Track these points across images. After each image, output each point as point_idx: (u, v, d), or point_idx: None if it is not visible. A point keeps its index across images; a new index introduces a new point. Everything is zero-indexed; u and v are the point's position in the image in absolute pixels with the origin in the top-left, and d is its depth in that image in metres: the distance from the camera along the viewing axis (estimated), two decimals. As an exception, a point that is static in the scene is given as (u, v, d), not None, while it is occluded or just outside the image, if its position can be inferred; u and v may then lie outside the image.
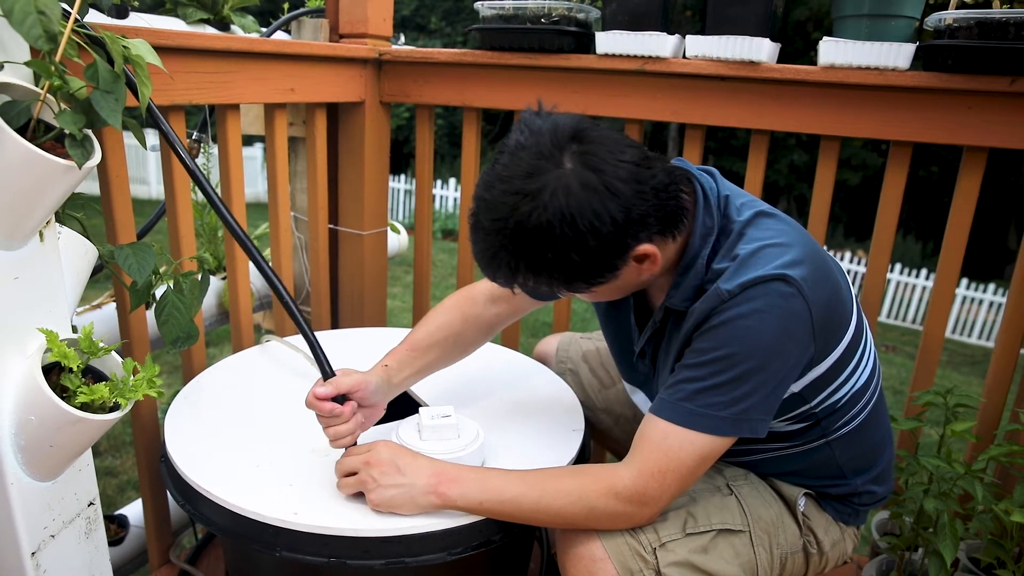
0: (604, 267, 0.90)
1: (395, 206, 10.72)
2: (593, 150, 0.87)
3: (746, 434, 0.94)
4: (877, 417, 1.13)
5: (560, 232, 0.85)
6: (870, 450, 1.13)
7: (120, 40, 0.92)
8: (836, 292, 0.99)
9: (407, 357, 1.20)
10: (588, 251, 0.87)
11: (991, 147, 1.33)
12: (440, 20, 13.93)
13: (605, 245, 0.87)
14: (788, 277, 0.91)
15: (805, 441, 1.10)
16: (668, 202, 0.92)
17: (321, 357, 1.12)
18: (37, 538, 0.95)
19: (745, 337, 0.91)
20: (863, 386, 1.08)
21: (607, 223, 0.85)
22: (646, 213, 0.88)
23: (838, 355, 1.01)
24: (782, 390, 0.96)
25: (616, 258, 0.90)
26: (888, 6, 1.30)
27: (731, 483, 1.11)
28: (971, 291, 7.91)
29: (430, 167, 1.92)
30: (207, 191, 1.09)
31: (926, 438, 1.40)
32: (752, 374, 0.91)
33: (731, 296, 0.92)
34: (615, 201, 0.85)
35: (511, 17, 1.59)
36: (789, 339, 0.92)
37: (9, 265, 0.88)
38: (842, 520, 1.15)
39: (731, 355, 0.91)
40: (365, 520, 1.00)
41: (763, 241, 0.95)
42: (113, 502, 2.51)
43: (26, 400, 0.88)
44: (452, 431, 1.11)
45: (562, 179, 0.85)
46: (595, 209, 0.85)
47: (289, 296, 1.13)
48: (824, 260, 1.00)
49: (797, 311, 0.92)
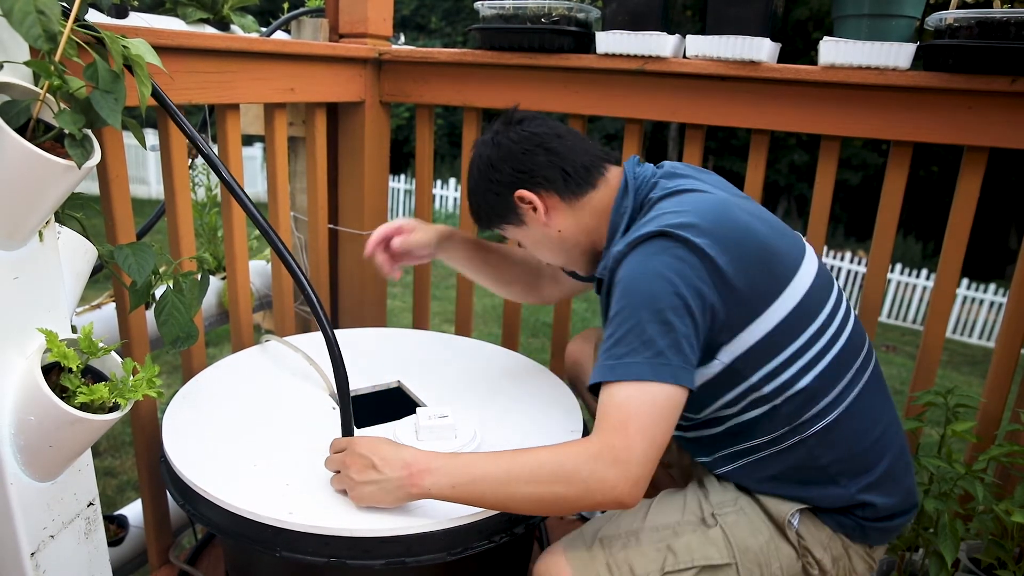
0: (502, 197, 1.18)
1: (395, 206, 10.72)
2: (512, 129, 1.19)
3: (669, 379, 0.93)
4: (866, 416, 1.08)
5: (474, 173, 1.23)
6: (860, 453, 1.07)
7: (120, 40, 0.92)
8: (753, 255, 1.01)
9: (470, 240, 1.48)
10: (492, 182, 1.19)
11: (992, 147, 1.33)
12: (440, 20, 13.93)
13: (500, 180, 1.18)
14: (668, 232, 0.99)
15: (776, 439, 1.06)
16: (566, 168, 1.16)
17: (339, 366, 1.11)
18: (36, 538, 0.95)
19: (632, 287, 0.99)
20: (825, 376, 1.04)
21: (499, 167, 1.18)
22: (530, 169, 1.16)
23: (770, 327, 1.01)
24: (693, 338, 0.97)
25: (508, 190, 1.17)
26: (888, 6, 1.30)
27: (717, 512, 1.08)
28: (972, 291, 7.90)
29: (430, 167, 1.92)
30: (231, 185, 1.09)
31: (927, 438, 1.40)
32: (649, 319, 0.96)
33: (622, 256, 1.02)
34: (508, 155, 1.17)
35: (511, 17, 1.59)
36: (674, 281, 0.97)
37: (9, 265, 0.88)
38: (844, 534, 1.08)
39: (625, 306, 0.98)
40: (365, 520, 1.00)
41: (662, 210, 1.05)
42: (113, 502, 2.51)
43: (26, 400, 0.88)
44: (449, 431, 1.11)
45: (484, 143, 1.21)
46: (486, 156, 1.20)
47: (318, 299, 1.13)
48: (739, 227, 1.02)
49: (680, 256, 0.98)
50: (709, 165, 12.75)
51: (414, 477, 0.97)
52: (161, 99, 1.09)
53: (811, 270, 1.07)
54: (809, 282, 1.05)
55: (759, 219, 1.07)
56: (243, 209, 1.16)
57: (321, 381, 1.40)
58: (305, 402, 1.33)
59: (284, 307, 1.70)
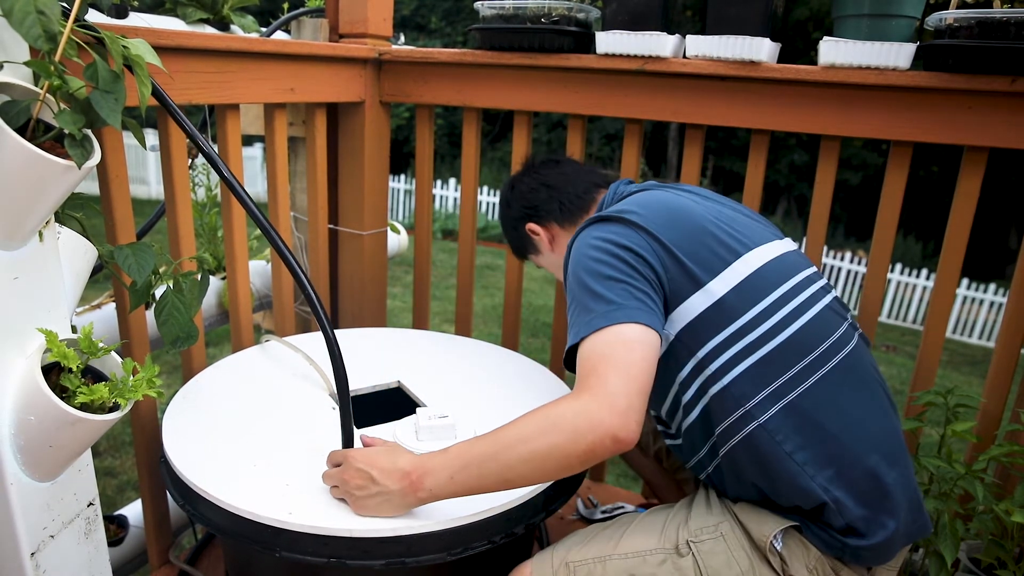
0: (519, 231, 1.40)
1: (395, 206, 10.72)
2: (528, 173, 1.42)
3: (624, 319, 0.97)
4: (831, 403, 1.02)
5: (500, 212, 1.47)
6: (822, 441, 1.00)
7: (120, 40, 0.92)
8: (688, 229, 1.09)
9: None
10: (510, 219, 1.42)
11: (992, 147, 1.33)
12: (440, 20, 13.93)
13: (514, 216, 1.40)
14: (605, 216, 1.12)
15: (735, 427, 1.03)
16: (562, 200, 1.33)
17: (340, 368, 1.10)
18: (36, 538, 0.95)
19: (575, 262, 1.09)
20: (773, 357, 1.02)
21: (513, 206, 1.41)
22: (535, 205, 1.36)
23: (711, 302, 1.04)
24: (644, 285, 1.02)
25: (521, 225, 1.39)
26: (888, 6, 1.30)
27: (693, 540, 1.04)
28: (972, 291, 7.91)
29: (430, 167, 1.92)
30: (231, 183, 1.09)
31: (927, 438, 1.40)
32: (593, 281, 1.03)
33: (568, 247, 1.14)
34: (519, 195, 1.40)
35: (511, 17, 1.59)
36: (608, 247, 1.06)
37: (8, 265, 0.88)
38: (833, 553, 1.01)
39: (572, 280, 1.08)
40: (364, 520, 1.00)
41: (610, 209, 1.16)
42: (113, 502, 2.51)
43: (26, 400, 0.88)
44: (449, 431, 1.11)
45: (506, 185, 1.45)
46: (506, 197, 1.43)
47: (318, 298, 1.12)
48: (674, 208, 1.12)
49: (613, 229, 1.09)
50: (709, 165, 12.75)
51: (415, 484, 0.97)
52: (161, 97, 1.09)
53: (768, 254, 1.10)
54: (760, 264, 1.08)
55: (705, 207, 1.15)
56: (243, 207, 1.16)
57: (321, 381, 1.40)
58: (305, 402, 1.33)
59: (284, 307, 1.70)
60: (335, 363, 1.10)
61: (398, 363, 1.51)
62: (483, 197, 10.21)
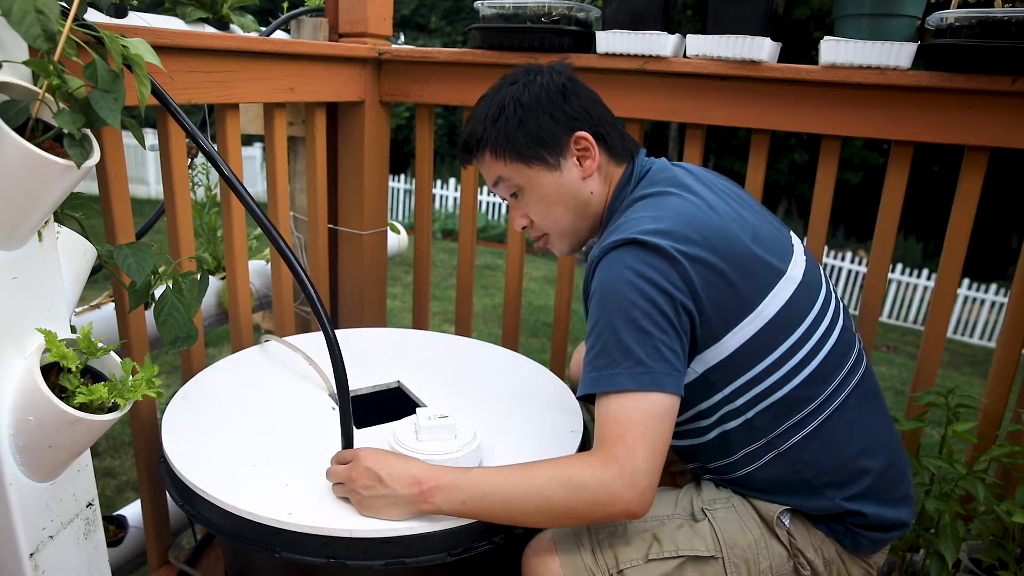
0: (558, 128, 1.10)
1: (395, 206, 10.72)
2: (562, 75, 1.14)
3: (651, 387, 0.93)
4: (852, 425, 1.06)
5: (535, 90, 1.11)
6: (842, 464, 1.05)
7: (119, 39, 0.92)
8: (729, 266, 0.99)
9: None
10: (553, 110, 1.10)
11: (992, 147, 1.33)
12: (440, 19, 13.93)
13: (565, 111, 1.11)
14: (641, 240, 0.98)
15: (754, 454, 1.05)
16: (621, 130, 1.15)
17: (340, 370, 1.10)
18: (36, 539, 0.94)
19: (607, 296, 0.98)
20: (804, 387, 1.02)
21: (569, 97, 1.11)
22: (598, 117, 1.12)
23: (745, 339, 1.00)
24: (674, 342, 0.96)
25: (569, 124, 1.10)
26: (889, 5, 1.30)
27: (707, 508, 1.07)
28: (973, 291, 7.90)
29: (430, 167, 1.92)
30: (231, 181, 1.09)
31: (928, 439, 1.40)
32: (625, 328, 0.95)
33: (596, 261, 1.02)
34: (581, 92, 1.13)
35: (511, 16, 1.59)
36: (650, 290, 0.95)
37: (8, 265, 0.88)
38: (837, 539, 1.07)
39: (601, 316, 0.98)
40: (365, 521, 1.00)
41: (638, 214, 1.03)
42: (112, 503, 2.51)
43: (25, 400, 0.88)
44: (449, 432, 1.10)
45: (555, 71, 1.14)
46: (565, 86, 1.12)
47: (318, 296, 1.12)
48: (715, 234, 1.00)
49: (651, 263, 0.97)
50: (709, 165, 12.68)
51: (425, 495, 0.97)
52: (161, 96, 1.09)
53: (796, 275, 1.05)
54: (792, 290, 1.04)
55: (742, 223, 1.04)
56: (244, 205, 1.15)
57: (321, 381, 1.40)
58: (305, 402, 1.33)
59: (284, 307, 1.69)
60: (335, 363, 1.09)
61: (398, 363, 1.51)
62: (483, 197, 10.21)
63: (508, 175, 1.13)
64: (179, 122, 1.10)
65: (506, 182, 1.15)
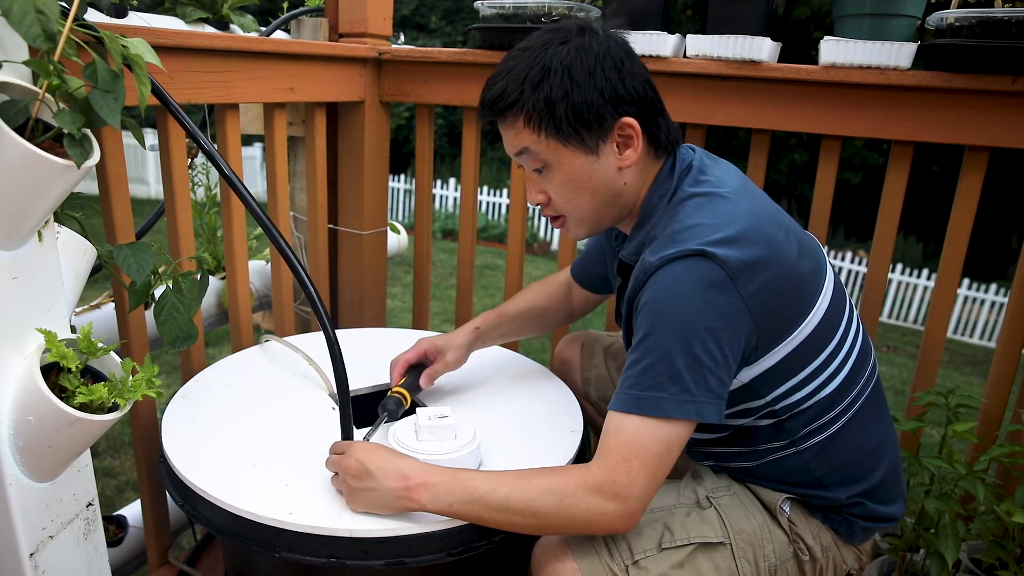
0: (604, 108, 0.98)
1: (395, 206, 10.71)
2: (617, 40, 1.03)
3: (693, 417, 0.91)
4: (862, 430, 1.07)
5: (590, 60, 0.98)
6: (853, 464, 1.07)
7: (119, 39, 0.92)
8: (785, 280, 0.96)
9: (496, 322, 1.40)
10: (605, 86, 0.98)
11: (993, 147, 1.33)
12: (440, 19, 13.92)
13: (618, 91, 0.98)
14: (708, 252, 0.91)
15: (772, 450, 1.06)
16: (668, 123, 1.05)
17: (340, 369, 1.10)
18: (35, 539, 0.94)
19: (663, 313, 0.92)
20: (835, 392, 1.03)
21: (624, 75, 0.99)
22: (652, 103, 1.02)
23: (792, 348, 0.99)
24: (723, 371, 0.92)
25: (616, 105, 0.98)
26: (889, 5, 1.30)
27: (711, 496, 1.08)
28: (973, 291, 7.89)
29: (430, 167, 1.92)
30: (231, 180, 1.09)
31: (927, 439, 1.40)
32: (679, 352, 0.90)
33: (654, 269, 0.94)
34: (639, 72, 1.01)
35: (511, 16, 1.59)
36: (710, 315, 0.90)
37: (8, 265, 0.88)
38: (832, 528, 1.10)
39: (654, 332, 0.92)
40: (364, 521, 0.99)
41: (696, 221, 0.96)
42: (112, 503, 2.51)
43: (25, 400, 0.88)
44: (449, 432, 1.10)
45: (615, 41, 1.01)
46: (624, 62, 1.00)
47: (318, 296, 1.12)
48: (773, 248, 0.95)
49: (718, 285, 0.90)
50: (709, 165, 12.71)
51: (410, 491, 0.97)
52: (161, 95, 1.09)
53: (830, 285, 1.05)
54: (829, 299, 1.04)
55: (787, 232, 1.01)
56: (244, 205, 1.15)
57: (321, 381, 1.40)
58: (305, 402, 1.33)
59: (284, 307, 1.69)
60: (335, 363, 1.09)
61: (398, 363, 1.51)
62: (483, 197, 10.21)
63: (538, 149, 1.01)
64: (179, 121, 1.10)
65: (533, 155, 1.02)
